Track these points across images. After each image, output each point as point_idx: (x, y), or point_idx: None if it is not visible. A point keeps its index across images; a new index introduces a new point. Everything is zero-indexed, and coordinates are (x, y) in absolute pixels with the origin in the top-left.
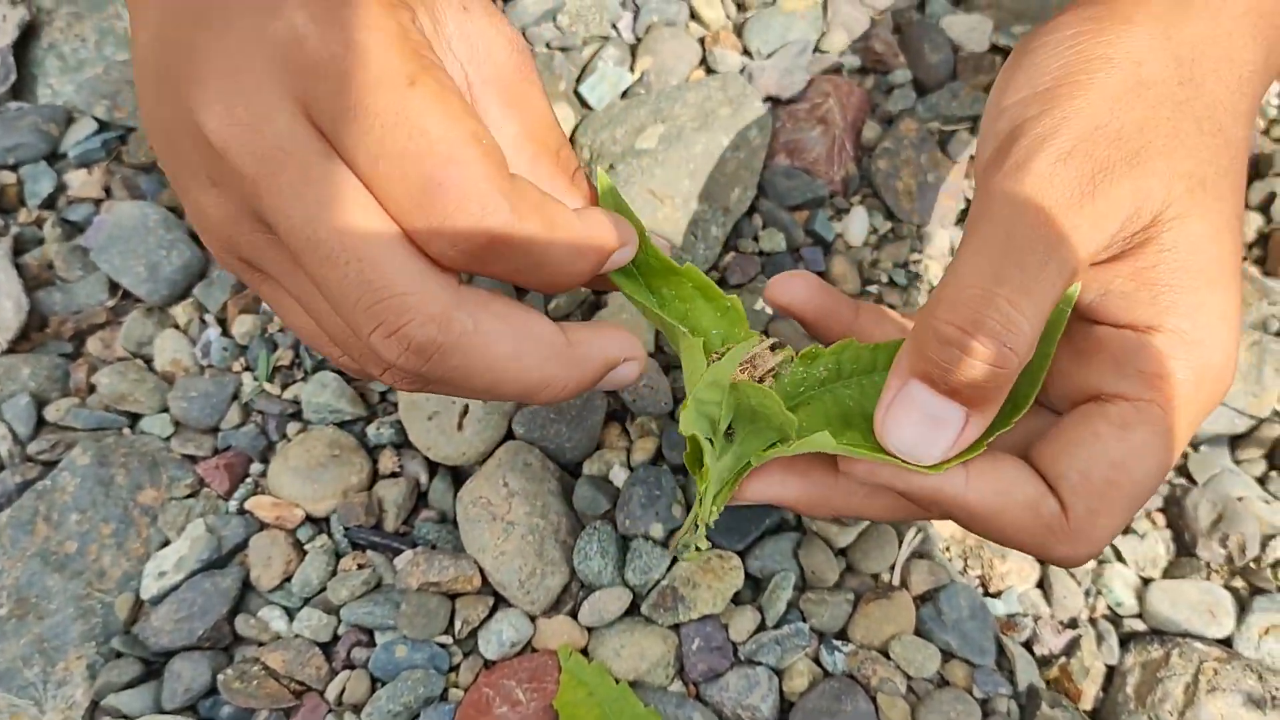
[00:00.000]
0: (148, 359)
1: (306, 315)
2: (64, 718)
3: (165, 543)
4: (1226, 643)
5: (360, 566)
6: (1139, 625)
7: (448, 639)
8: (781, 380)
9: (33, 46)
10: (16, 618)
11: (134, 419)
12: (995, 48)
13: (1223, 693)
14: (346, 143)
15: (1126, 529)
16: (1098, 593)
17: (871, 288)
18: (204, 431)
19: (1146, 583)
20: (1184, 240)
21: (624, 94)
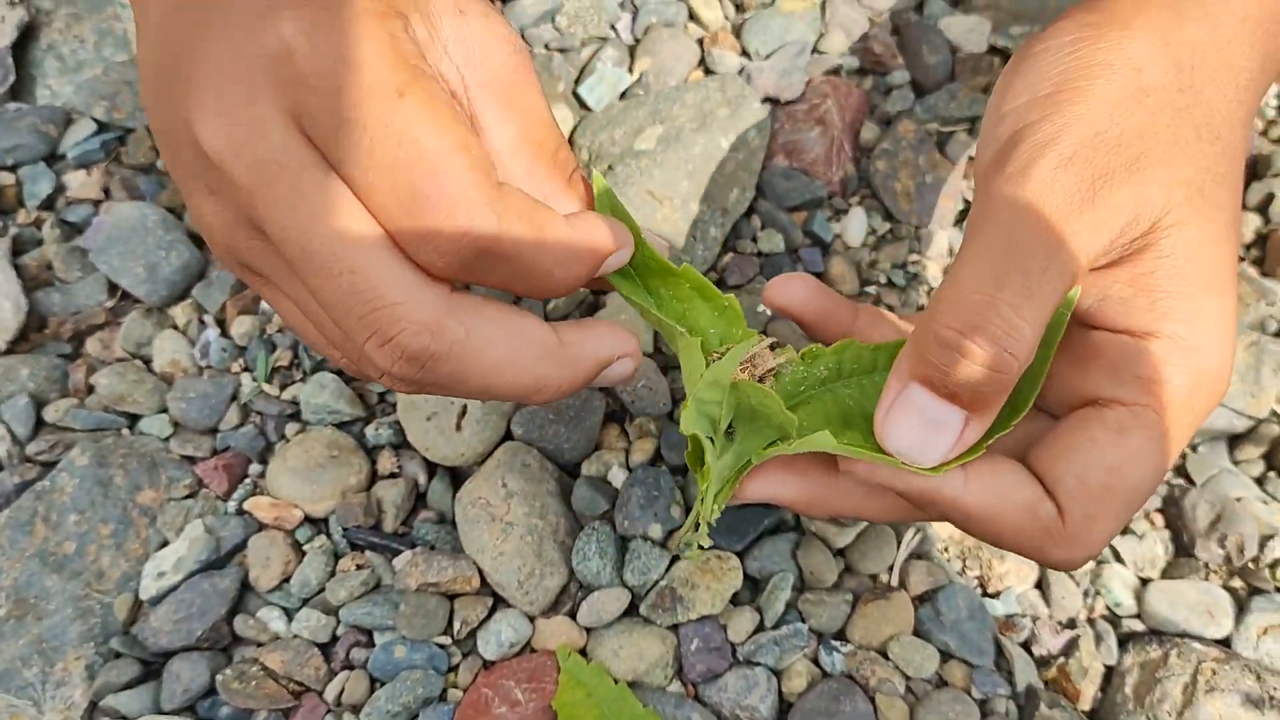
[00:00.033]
0: (146, 360)
1: (306, 318)
2: (63, 718)
3: (164, 543)
4: (1225, 643)
5: (359, 567)
6: (1137, 625)
7: (446, 639)
8: (782, 379)
9: (32, 47)
10: (15, 618)
11: (133, 420)
12: (993, 49)
13: (1221, 693)
14: (337, 154)
15: (1125, 529)
16: (1096, 593)
17: (870, 288)
18: (203, 432)
19: (1145, 583)
20: (1182, 247)
21: (622, 95)
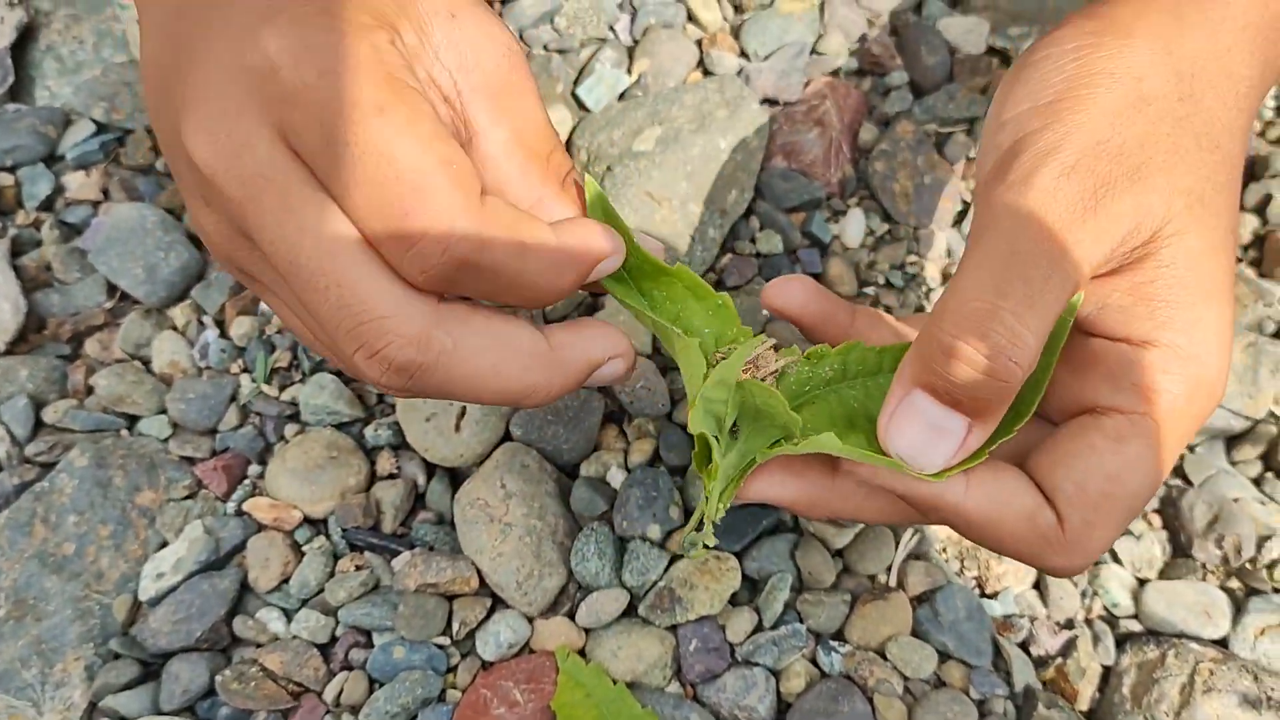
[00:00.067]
0: (146, 361)
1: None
2: (62, 719)
3: (163, 544)
4: (1222, 643)
5: (358, 568)
6: (1135, 626)
7: (445, 640)
8: (787, 379)
9: (31, 48)
10: (14, 619)
11: (132, 420)
12: (992, 50)
13: (1218, 693)
14: (322, 170)
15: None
16: (1094, 594)
17: (868, 289)
18: (202, 433)
19: (1142, 584)
20: (1182, 256)
21: (621, 96)
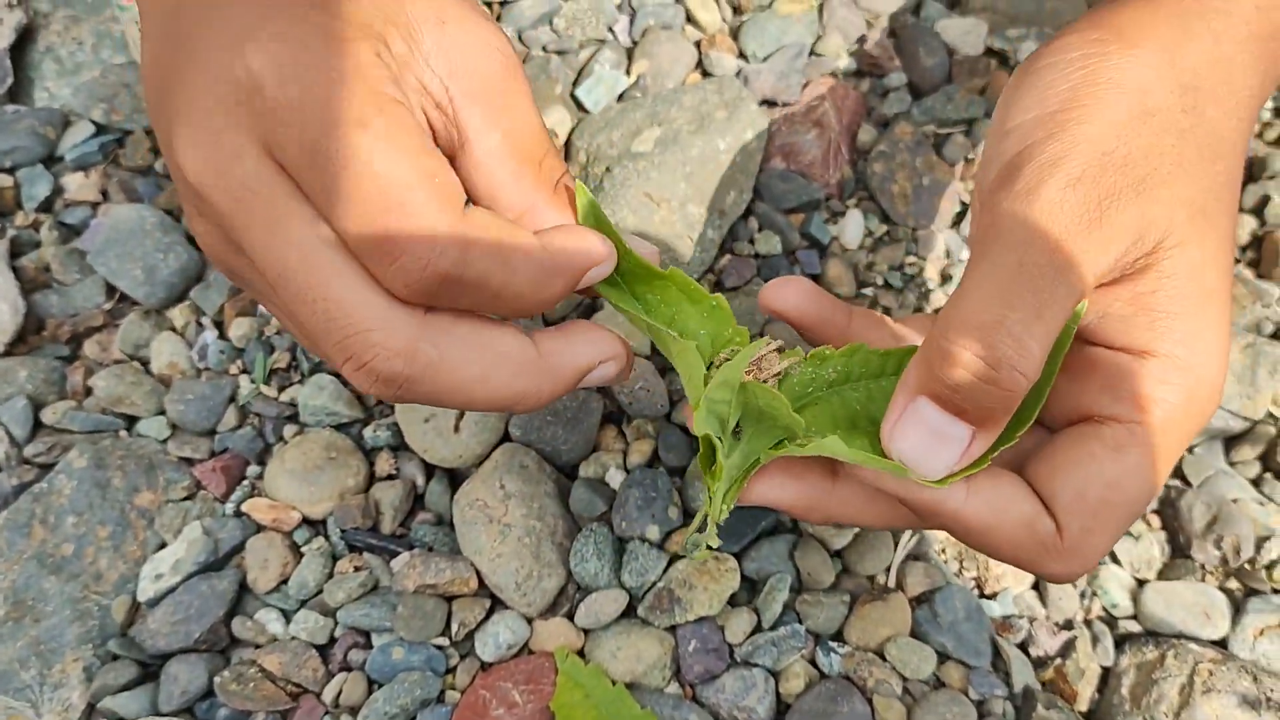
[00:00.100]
0: (145, 362)
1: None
2: None
3: (162, 545)
4: (1221, 644)
5: (357, 569)
6: (1134, 627)
7: (444, 641)
8: (790, 380)
9: (30, 50)
10: (13, 620)
11: (131, 421)
12: (990, 51)
13: (1218, 694)
14: (307, 184)
15: None
16: (1093, 594)
17: (867, 290)
18: (201, 434)
19: (1141, 584)
20: (1183, 267)
21: (620, 97)
